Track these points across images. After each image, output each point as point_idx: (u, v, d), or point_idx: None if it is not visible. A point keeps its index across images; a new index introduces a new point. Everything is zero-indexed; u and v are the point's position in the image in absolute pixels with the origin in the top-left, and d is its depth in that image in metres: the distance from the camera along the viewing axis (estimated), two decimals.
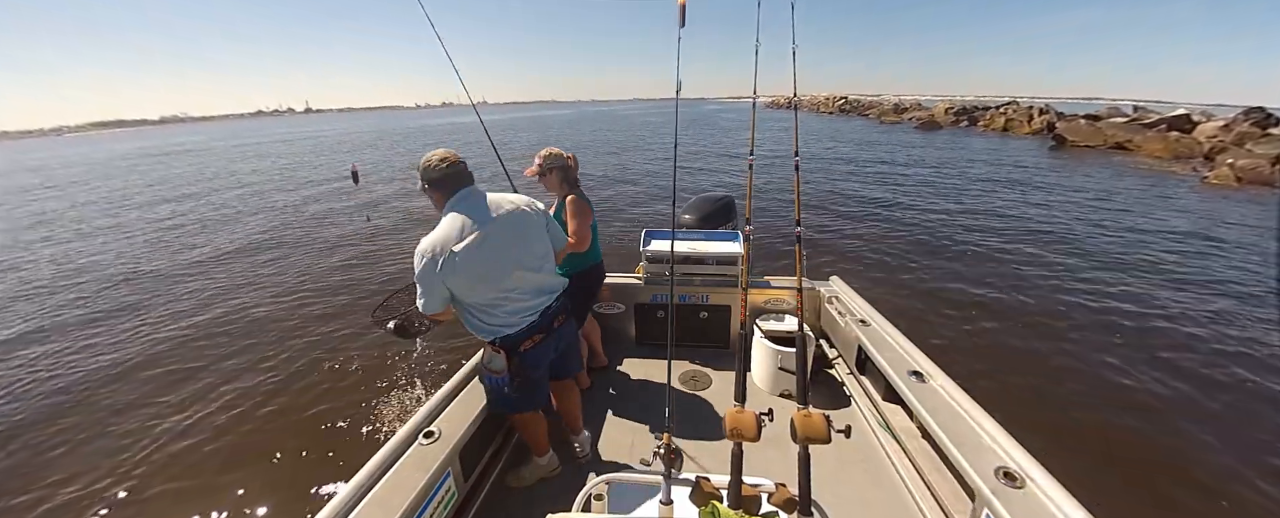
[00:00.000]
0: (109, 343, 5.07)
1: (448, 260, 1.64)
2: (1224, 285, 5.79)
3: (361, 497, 1.57)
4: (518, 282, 1.80)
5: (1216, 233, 7.92)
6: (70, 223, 11.42)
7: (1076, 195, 10.93)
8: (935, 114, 34.45)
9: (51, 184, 20.23)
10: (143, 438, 3.57)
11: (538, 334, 1.88)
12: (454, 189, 1.75)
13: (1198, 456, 3.14)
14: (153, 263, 7.78)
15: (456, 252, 1.64)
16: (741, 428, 1.23)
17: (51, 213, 12.96)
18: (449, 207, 1.74)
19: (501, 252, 1.74)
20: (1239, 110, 18.71)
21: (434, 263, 1.64)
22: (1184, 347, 4.40)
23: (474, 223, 1.69)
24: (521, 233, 1.81)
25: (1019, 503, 1.45)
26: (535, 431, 2.14)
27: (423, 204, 2.29)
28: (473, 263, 1.67)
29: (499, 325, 1.82)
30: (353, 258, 7.58)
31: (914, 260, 6.77)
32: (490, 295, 1.77)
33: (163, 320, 5.57)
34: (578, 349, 2.28)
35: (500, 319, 1.81)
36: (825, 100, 59.61)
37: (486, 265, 1.71)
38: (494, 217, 1.74)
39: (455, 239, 1.66)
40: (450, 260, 1.64)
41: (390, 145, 31.75)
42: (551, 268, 1.98)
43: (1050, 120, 25.68)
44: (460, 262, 1.65)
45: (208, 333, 5.20)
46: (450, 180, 1.75)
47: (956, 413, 1.87)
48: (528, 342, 1.86)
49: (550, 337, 1.93)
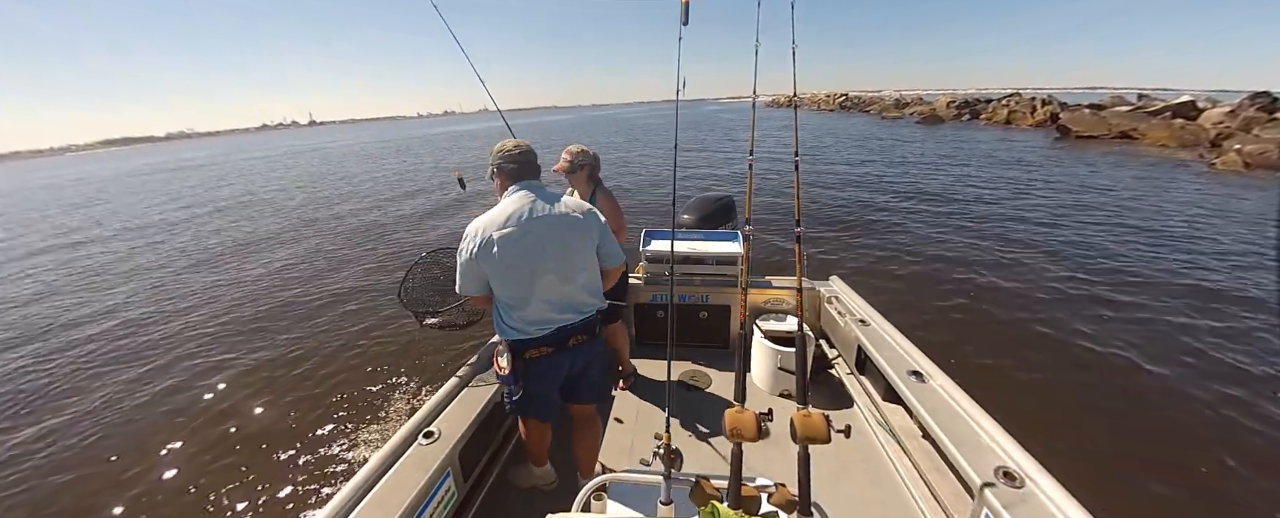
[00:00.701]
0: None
1: (485, 243, 1.64)
2: (1243, 274, 5.72)
3: (361, 497, 1.58)
4: (546, 288, 1.73)
5: (1226, 220, 7.84)
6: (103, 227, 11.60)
7: (1080, 186, 10.85)
8: (937, 108, 34.33)
9: (77, 202, 20.52)
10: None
11: (547, 347, 1.79)
12: (519, 178, 1.76)
13: (1201, 455, 3.11)
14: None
15: (495, 238, 1.64)
16: (741, 428, 1.23)
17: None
18: (508, 193, 1.75)
19: (536, 250, 1.68)
20: (1245, 95, 18.53)
21: (473, 244, 1.65)
22: (1201, 344, 4.33)
23: (522, 214, 1.68)
24: (565, 239, 1.73)
25: (1019, 503, 1.44)
26: (536, 440, 2.10)
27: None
28: (506, 253, 1.65)
29: (514, 327, 1.77)
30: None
31: (915, 259, 6.73)
32: (515, 293, 1.72)
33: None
34: (601, 378, 2.07)
35: (517, 321, 1.76)
36: (826, 98, 59.52)
37: (519, 259, 1.67)
38: (543, 214, 1.70)
39: (499, 225, 1.65)
40: (488, 244, 1.64)
41: (421, 150, 31.35)
42: (590, 286, 1.84)
43: (1054, 111, 25.53)
44: (496, 249, 1.64)
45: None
46: (520, 169, 1.76)
47: (956, 413, 1.87)
48: (535, 351, 1.80)
49: (562, 353, 1.82)
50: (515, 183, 1.76)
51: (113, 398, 4.39)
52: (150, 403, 4.28)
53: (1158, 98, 22.46)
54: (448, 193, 14.12)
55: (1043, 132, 23.67)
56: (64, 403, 4.38)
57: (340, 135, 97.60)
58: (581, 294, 1.81)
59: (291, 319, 5.86)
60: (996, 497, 1.47)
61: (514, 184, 1.76)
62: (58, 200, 21.66)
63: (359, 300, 6.26)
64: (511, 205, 1.70)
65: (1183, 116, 19.12)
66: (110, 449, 3.69)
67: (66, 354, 5.37)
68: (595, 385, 2.05)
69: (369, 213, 12.10)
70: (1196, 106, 19.56)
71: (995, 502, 1.46)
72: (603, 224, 1.86)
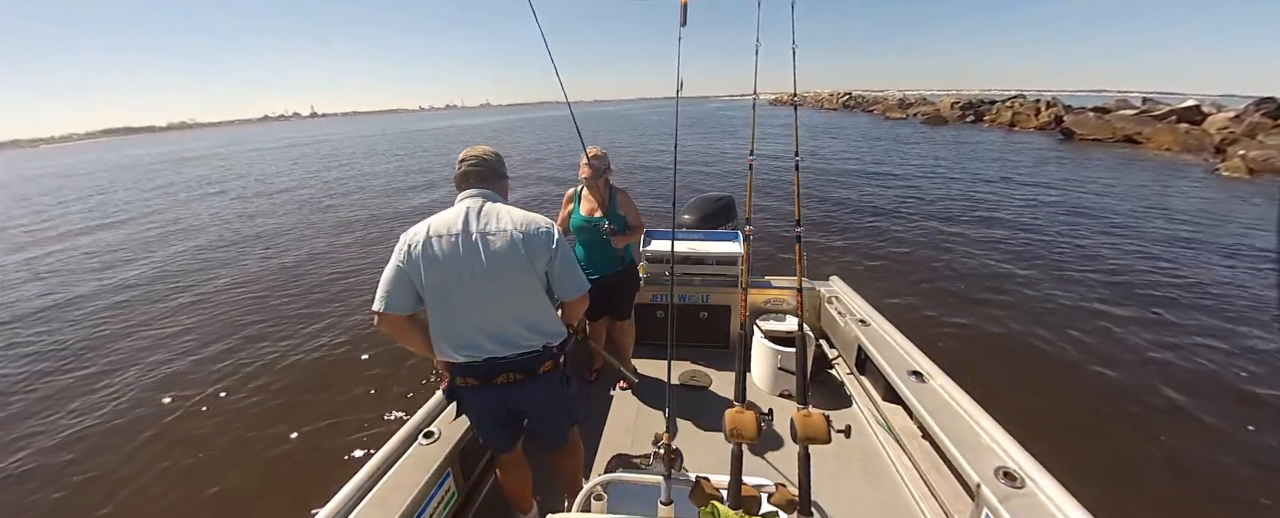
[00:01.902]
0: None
1: (412, 247, 1.51)
2: (1245, 279, 5.72)
3: (361, 497, 1.58)
4: (469, 310, 1.55)
5: (1229, 227, 7.83)
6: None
7: (1082, 190, 10.82)
8: (941, 109, 34.22)
9: (88, 191, 20.53)
10: None
11: (474, 379, 1.62)
12: (465, 185, 1.65)
13: (1207, 457, 3.11)
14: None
15: (422, 243, 1.51)
16: (741, 428, 1.23)
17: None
18: (457, 199, 1.66)
19: (461, 265, 1.52)
20: (1250, 101, 18.46)
21: (403, 248, 1.53)
22: (1198, 350, 4.32)
23: (457, 223, 1.55)
24: (496, 258, 1.53)
25: (1019, 503, 1.44)
26: (508, 481, 1.93)
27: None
28: (432, 262, 1.51)
29: (440, 348, 1.61)
30: None
31: (916, 259, 6.73)
32: (438, 309, 1.56)
33: None
34: (551, 427, 1.83)
35: (443, 342, 1.60)
36: (829, 97, 59.36)
37: (443, 273, 1.51)
38: (480, 227, 1.54)
39: (435, 231, 1.53)
40: (415, 249, 1.51)
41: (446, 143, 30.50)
42: (526, 317, 1.61)
43: (1058, 114, 25.44)
44: (423, 256, 1.51)
45: None
46: (467, 175, 1.65)
47: (956, 413, 1.87)
48: (461, 380, 1.64)
49: (489, 389, 1.64)
50: (460, 189, 1.65)
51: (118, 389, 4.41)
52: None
53: (1163, 102, 22.39)
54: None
55: (1046, 134, 23.60)
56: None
57: (342, 128, 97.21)
58: (512, 324, 1.59)
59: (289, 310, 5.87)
60: (996, 497, 1.47)
61: (460, 191, 1.65)
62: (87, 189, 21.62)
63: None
64: (451, 212, 1.58)
65: (1188, 121, 19.04)
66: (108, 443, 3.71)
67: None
68: (543, 435, 1.84)
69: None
70: (1201, 111, 19.49)
71: (995, 502, 1.46)
72: (559, 249, 1.61)
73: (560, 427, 1.86)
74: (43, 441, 3.73)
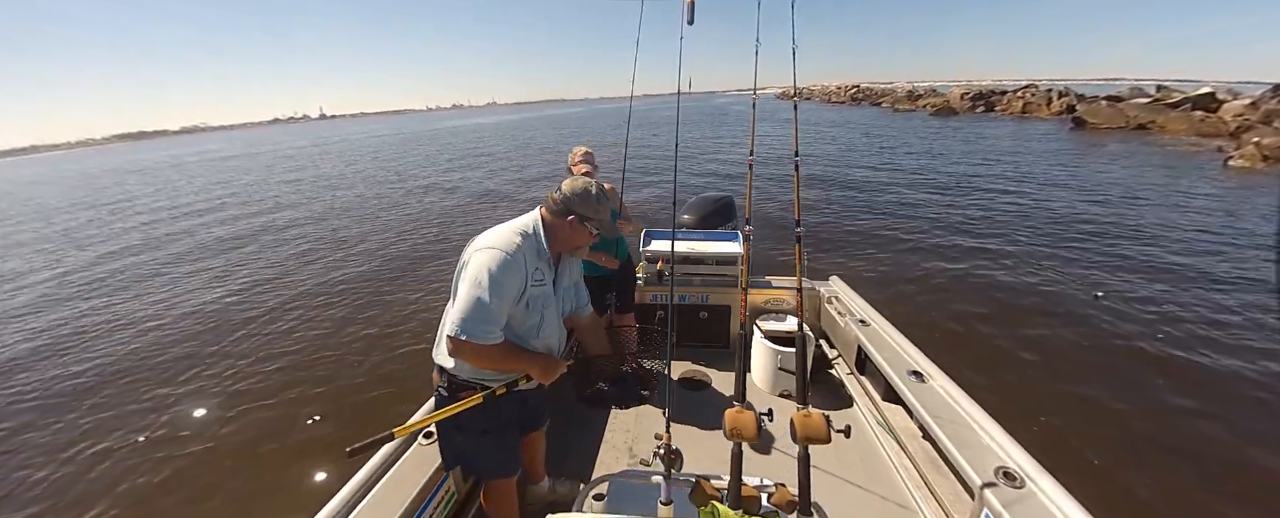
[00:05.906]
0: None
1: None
2: (1258, 268, 5.63)
3: (361, 497, 1.59)
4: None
5: (1242, 216, 7.69)
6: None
7: (1093, 180, 10.66)
8: (950, 100, 33.74)
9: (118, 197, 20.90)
10: None
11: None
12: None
13: (1202, 458, 3.07)
14: None
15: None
16: (741, 428, 1.24)
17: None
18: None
19: None
20: (1267, 88, 18.05)
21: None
22: (1211, 345, 4.26)
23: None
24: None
25: (1019, 503, 1.44)
26: (505, 512, 1.85)
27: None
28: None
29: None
30: None
31: (916, 259, 6.63)
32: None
33: None
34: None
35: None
36: (836, 90, 58.66)
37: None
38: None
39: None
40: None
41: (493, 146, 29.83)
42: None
43: (1070, 103, 25.05)
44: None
45: None
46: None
47: (956, 413, 1.87)
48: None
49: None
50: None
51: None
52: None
53: (1177, 90, 21.94)
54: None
55: (1058, 123, 23.20)
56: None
57: (354, 128, 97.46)
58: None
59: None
60: (996, 497, 1.47)
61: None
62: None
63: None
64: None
65: (1202, 109, 18.65)
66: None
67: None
68: (537, 411, 1.94)
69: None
70: (1216, 98, 19.07)
71: (995, 502, 1.46)
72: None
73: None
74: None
